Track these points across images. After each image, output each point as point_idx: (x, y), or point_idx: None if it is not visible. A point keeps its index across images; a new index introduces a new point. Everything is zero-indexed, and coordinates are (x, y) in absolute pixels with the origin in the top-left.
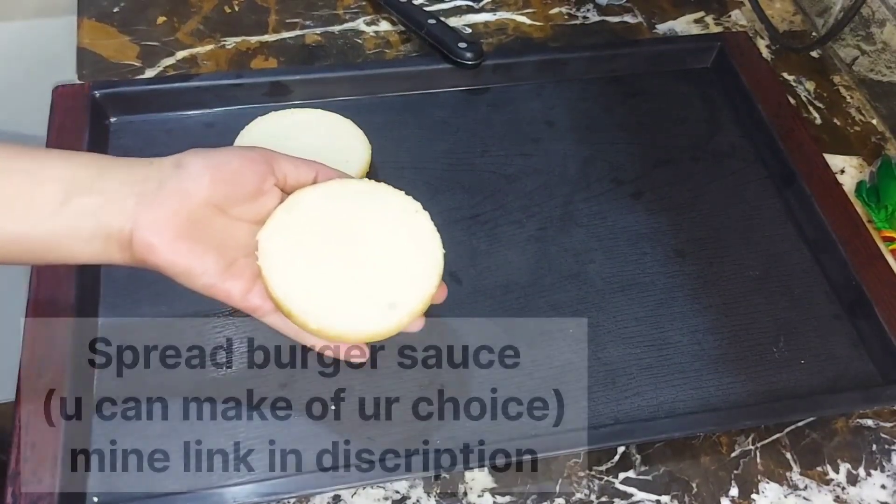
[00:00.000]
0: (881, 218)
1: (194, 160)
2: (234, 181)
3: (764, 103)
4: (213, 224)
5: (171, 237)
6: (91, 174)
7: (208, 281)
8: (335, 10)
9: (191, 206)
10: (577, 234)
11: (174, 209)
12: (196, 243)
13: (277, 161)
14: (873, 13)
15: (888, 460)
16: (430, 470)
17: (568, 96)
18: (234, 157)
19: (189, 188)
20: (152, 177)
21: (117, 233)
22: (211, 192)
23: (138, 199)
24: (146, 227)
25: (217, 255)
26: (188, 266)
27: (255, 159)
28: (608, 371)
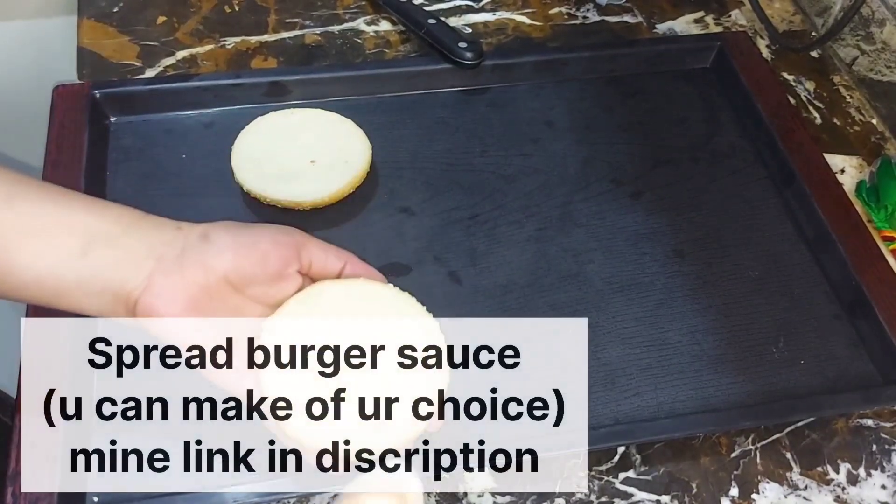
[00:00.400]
0: (881, 218)
1: (222, 235)
2: (257, 263)
3: (764, 103)
4: (225, 301)
5: (178, 310)
6: (114, 229)
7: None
8: (335, 9)
9: (209, 282)
10: (576, 234)
11: (191, 282)
12: (202, 315)
13: (306, 247)
14: (873, 13)
15: (888, 460)
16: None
17: (567, 96)
18: (264, 238)
19: (211, 263)
20: (176, 244)
21: (126, 294)
22: (231, 270)
23: (157, 262)
24: (156, 293)
25: (218, 332)
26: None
27: (285, 243)
28: (608, 371)
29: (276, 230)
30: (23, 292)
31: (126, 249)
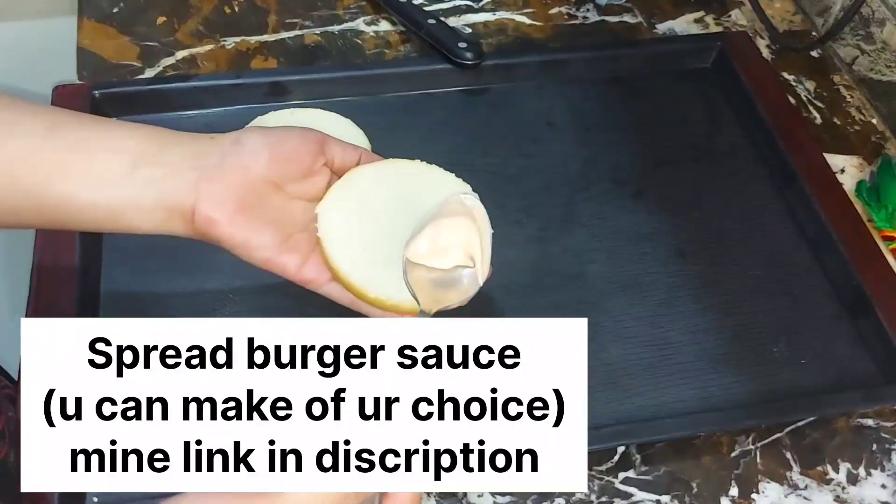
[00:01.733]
0: (881, 217)
1: (253, 137)
2: (290, 159)
3: (764, 103)
4: (270, 200)
5: (232, 211)
6: (156, 147)
7: (265, 255)
8: (335, 10)
9: (250, 182)
10: (577, 234)
11: (235, 184)
12: (254, 217)
13: (328, 143)
14: (873, 13)
15: (888, 460)
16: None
17: (568, 96)
18: (292, 136)
19: (249, 164)
20: (213, 152)
21: (179, 205)
22: (269, 168)
23: (200, 172)
24: (207, 200)
25: (274, 229)
26: (246, 239)
27: (310, 139)
28: (609, 371)
29: (300, 129)
30: (80, 218)
31: (168, 164)
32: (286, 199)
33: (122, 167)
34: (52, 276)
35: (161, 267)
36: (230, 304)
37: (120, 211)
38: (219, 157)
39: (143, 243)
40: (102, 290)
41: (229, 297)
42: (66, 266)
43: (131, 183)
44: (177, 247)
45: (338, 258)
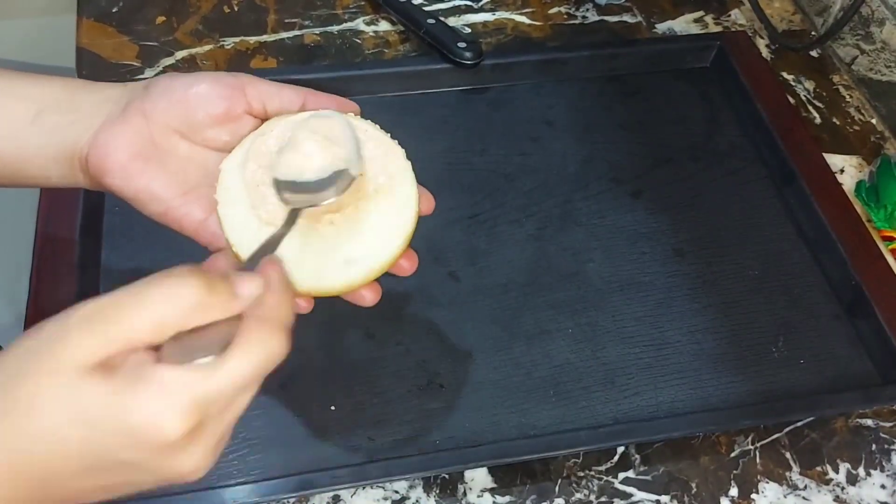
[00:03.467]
0: (881, 217)
1: (160, 81)
2: (196, 105)
3: (763, 103)
4: (175, 149)
5: (125, 159)
6: (63, 94)
7: (159, 208)
8: (334, 9)
9: (150, 129)
10: (576, 233)
11: (132, 131)
12: (150, 168)
13: (253, 85)
14: (872, 12)
15: (888, 460)
16: (430, 470)
17: (567, 96)
18: (203, 80)
19: (150, 109)
20: (121, 99)
21: (79, 153)
22: (172, 114)
23: (104, 119)
24: (100, 147)
25: (173, 180)
26: (138, 191)
27: (225, 82)
28: (607, 371)
29: (219, 74)
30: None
31: (75, 112)
32: (195, 149)
33: (27, 115)
34: (51, 275)
35: (159, 266)
36: None
37: (26, 160)
38: (125, 104)
39: (142, 242)
40: (102, 289)
41: None
42: (66, 266)
43: (36, 132)
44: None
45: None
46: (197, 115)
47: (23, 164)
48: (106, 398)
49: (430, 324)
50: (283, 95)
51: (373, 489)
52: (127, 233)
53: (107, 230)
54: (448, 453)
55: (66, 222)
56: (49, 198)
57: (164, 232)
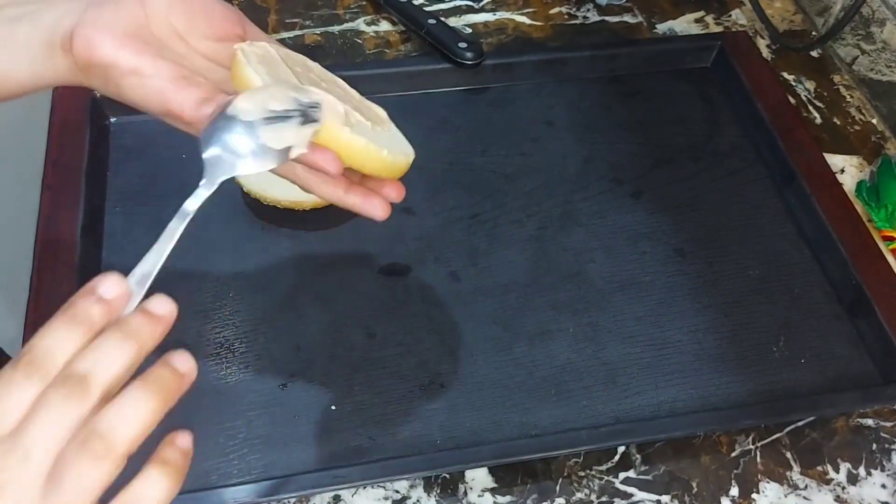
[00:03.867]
0: (881, 217)
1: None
2: (201, 12)
3: (764, 103)
4: (171, 44)
5: (120, 34)
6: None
7: (159, 84)
8: (335, 9)
9: (149, 18)
10: (576, 233)
11: (128, 13)
12: (147, 49)
13: (250, 25)
14: (873, 12)
15: (888, 460)
16: (430, 470)
17: (568, 96)
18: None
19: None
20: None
21: (61, 34)
22: (172, 13)
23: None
24: (90, 22)
25: (171, 64)
26: (137, 65)
27: (230, 8)
28: (608, 370)
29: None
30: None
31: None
32: (190, 52)
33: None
34: (51, 276)
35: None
36: (228, 303)
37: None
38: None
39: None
40: None
41: (228, 296)
42: (66, 266)
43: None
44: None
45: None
46: (199, 23)
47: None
48: None
49: (430, 324)
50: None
51: (373, 489)
52: (128, 234)
53: (107, 231)
54: (448, 453)
55: (67, 223)
56: (49, 198)
57: None
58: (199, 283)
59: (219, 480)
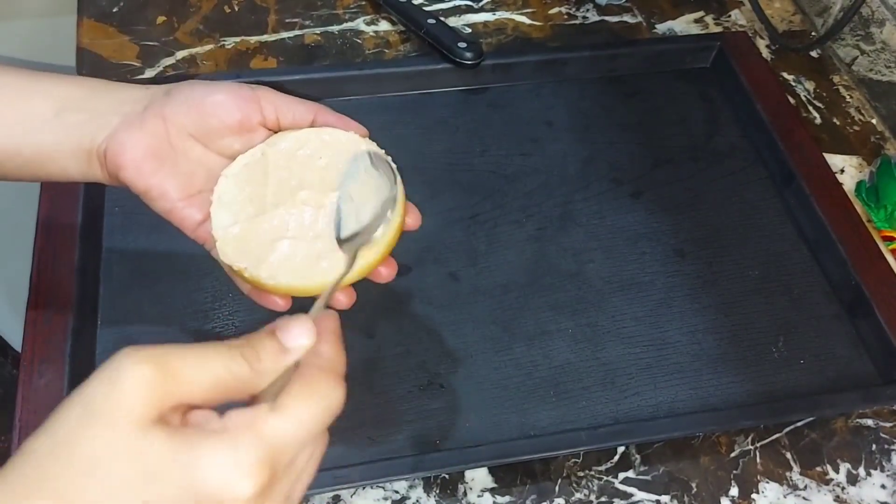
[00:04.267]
0: (881, 218)
1: (182, 89)
2: (213, 114)
3: (763, 103)
4: (188, 153)
5: (140, 157)
6: (84, 93)
7: (166, 205)
8: (334, 9)
9: (168, 132)
10: (576, 233)
11: (150, 132)
12: (163, 167)
13: (268, 98)
14: (873, 13)
15: (888, 460)
16: (430, 470)
17: (567, 96)
18: (222, 90)
19: (169, 114)
20: (141, 100)
21: (97, 149)
22: (190, 120)
23: (123, 118)
24: (118, 143)
25: (182, 181)
26: (149, 187)
27: (242, 94)
28: (608, 371)
29: (238, 85)
30: (10, 164)
31: (95, 110)
32: (208, 155)
33: (47, 112)
34: (51, 275)
35: (159, 266)
36: (228, 303)
37: (46, 156)
38: (144, 105)
39: (141, 243)
40: (101, 289)
41: (227, 296)
42: (66, 266)
43: (56, 128)
44: (175, 246)
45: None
46: (213, 123)
47: (42, 159)
48: (171, 454)
49: (430, 324)
50: (295, 110)
51: (373, 489)
52: (127, 234)
53: (107, 231)
54: (448, 453)
55: (67, 223)
56: (49, 198)
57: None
58: (199, 283)
59: None
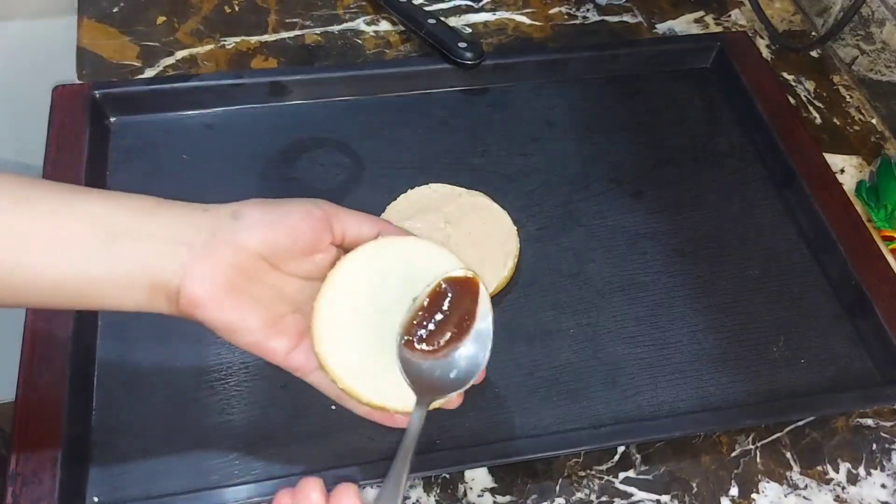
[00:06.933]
0: (881, 217)
1: (252, 212)
2: (289, 237)
3: (764, 103)
4: (263, 279)
5: (220, 293)
6: (139, 218)
7: (251, 339)
8: (335, 9)
9: (243, 260)
10: (576, 233)
11: (226, 263)
12: (243, 299)
13: (339, 217)
14: (873, 13)
15: (888, 459)
16: (430, 470)
17: (568, 96)
18: (294, 212)
19: (243, 241)
20: (205, 226)
21: (164, 284)
22: (265, 247)
23: (189, 248)
24: (195, 280)
25: (263, 311)
26: (231, 322)
27: (315, 215)
28: (608, 370)
29: (307, 203)
30: (46, 299)
31: (154, 239)
32: (282, 278)
33: (95, 239)
34: None
35: None
36: None
37: (95, 289)
38: (210, 232)
39: None
40: None
41: None
42: None
43: (107, 260)
44: None
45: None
46: (289, 248)
47: (92, 292)
48: None
49: None
50: (362, 228)
51: (373, 489)
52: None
53: None
54: (448, 453)
55: None
56: None
57: None
58: None
59: (219, 480)
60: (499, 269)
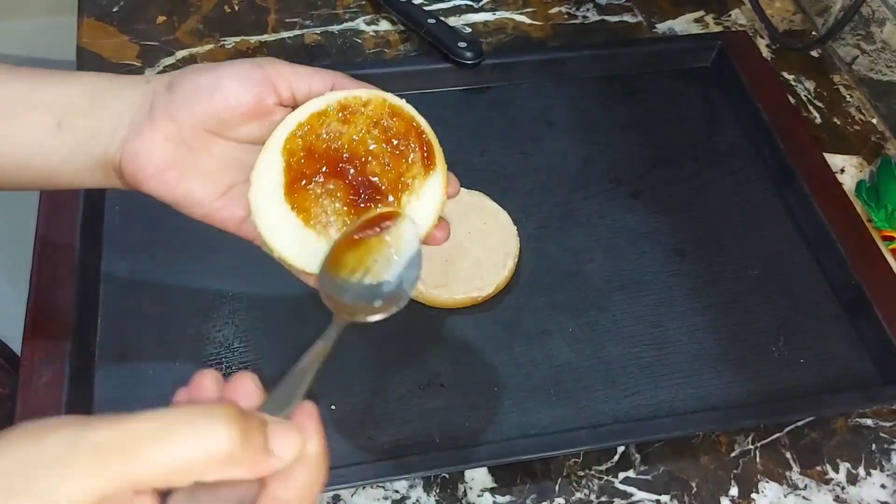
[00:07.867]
0: (881, 217)
1: (184, 81)
2: (227, 104)
3: (764, 103)
4: (208, 149)
5: (161, 168)
6: (85, 100)
7: (202, 211)
8: (335, 9)
9: (182, 132)
10: (576, 233)
11: (163, 137)
12: (187, 173)
13: (282, 75)
14: (873, 12)
15: (888, 459)
16: (430, 470)
17: (567, 95)
18: (231, 75)
19: (179, 113)
20: (146, 101)
21: (112, 160)
22: (203, 116)
23: (130, 126)
24: (135, 156)
25: (210, 183)
26: (178, 197)
27: (254, 77)
28: (608, 370)
29: (245, 63)
30: (18, 179)
31: (98, 118)
32: (229, 145)
33: (49, 124)
34: (51, 275)
35: (160, 266)
36: (229, 302)
37: (55, 168)
38: (149, 106)
39: (142, 242)
40: (102, 289)
41: (228, 295)
42: (66, 265)
43: (61, 141)
44: (177, 246)
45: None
46: (230, 115)
47: (52, 173)
48: None
49: (430, 324)
50: (312, 82)
51: (373, 489)
52: (127, 233)
53: (107, 230)
54: (448, 453)
55: (66, 222)
56: (49, 198)
57: (165, 233)
58: (200, 282)
59: None
60: (499, 269)
